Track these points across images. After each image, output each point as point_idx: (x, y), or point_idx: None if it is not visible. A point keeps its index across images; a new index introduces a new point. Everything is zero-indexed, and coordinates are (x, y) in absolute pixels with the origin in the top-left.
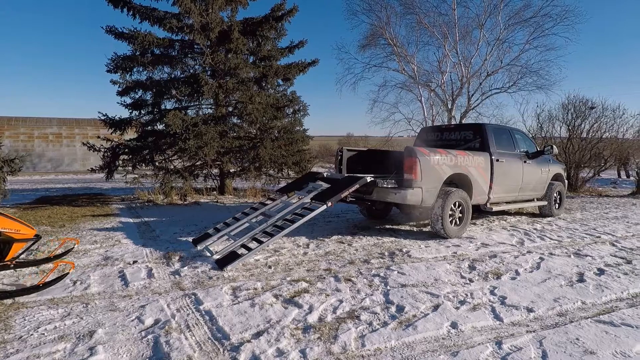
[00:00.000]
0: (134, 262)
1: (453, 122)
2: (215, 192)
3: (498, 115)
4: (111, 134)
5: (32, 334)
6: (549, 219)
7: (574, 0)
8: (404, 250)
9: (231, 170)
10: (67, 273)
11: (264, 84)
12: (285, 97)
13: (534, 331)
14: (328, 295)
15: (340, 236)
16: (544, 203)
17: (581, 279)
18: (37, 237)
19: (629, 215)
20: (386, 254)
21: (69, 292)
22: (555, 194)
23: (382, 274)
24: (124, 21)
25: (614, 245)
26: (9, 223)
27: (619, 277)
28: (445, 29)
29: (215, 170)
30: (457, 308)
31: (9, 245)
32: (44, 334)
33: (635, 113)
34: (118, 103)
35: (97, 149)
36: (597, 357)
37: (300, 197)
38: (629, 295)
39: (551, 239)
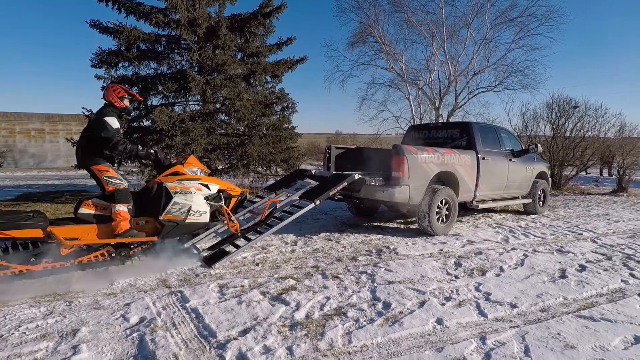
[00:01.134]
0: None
1: (440, 121)
2: None
3: (484, 114)
4: None
5: (13, 333)
6: (533, 216)
7: (559, 1)
8: (391, 247)
9: (219, 167)
10: (275, 207)
11: (252, 81)
12: (274, 94)
13: (517, 326)
14: (315, 292)
15: (328, 233)
16: (529, 201)
17: (563, 275)
18: (242, 194)
19: (609, 213)
20: (374, 251)
21: (51, 291)
22: (539, 192)
23: (369, 271)
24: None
25: (595, 242)
26: (226, 183)
27: (600, 273)
28: (433, 28)
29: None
30: (443, 304)
31: (229, 200)
32: (25, 332)
33: (617, 112)
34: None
35: None
36: (578, 351)
37: (288, 195)
38: (609, 290)
39: (535, 236)
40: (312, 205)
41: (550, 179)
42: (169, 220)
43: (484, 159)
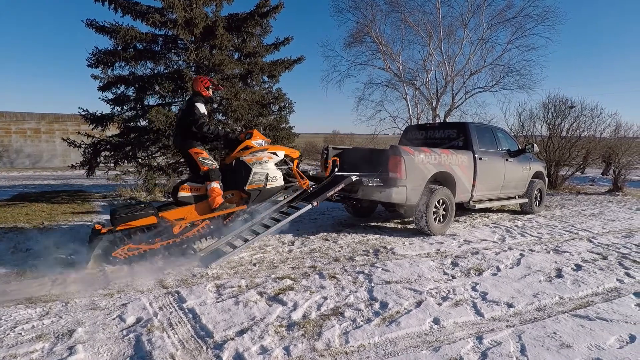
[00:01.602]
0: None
1: (437, 121)
2: None
3: (481, 114)
4: (92, 129)
5: (8, 334)
6: (530, 216)
7: (555, 1)
8: (389, 247)
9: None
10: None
11: (249, 81)
12: (271, 94)
13: (513, 326)
14: (312, 292)
15: (325, 233)
16: (525, 200)
17: (559, 275)
18: (300, 156)
19: (605, 212)
20: (371, 251)
21: (47, 291)
22: (535, 192)
23: (366, 271)
24: (106, 15)
25: (591, 241)
26: (287, 149)
27: (595, 273)
28: (430, 28)
29: None
30: (440, 304)
31: (292, 162)
32: (21, 333)
33: (612, 113)
34: (99, 98)
35: (78, 145)
36: (573, 350)
37: (286, 196)
38: (604, 290)
39: (531, 235)
40: (310, 206)
41: (546, 179)
42: (253, 189)
43: (480, 159)
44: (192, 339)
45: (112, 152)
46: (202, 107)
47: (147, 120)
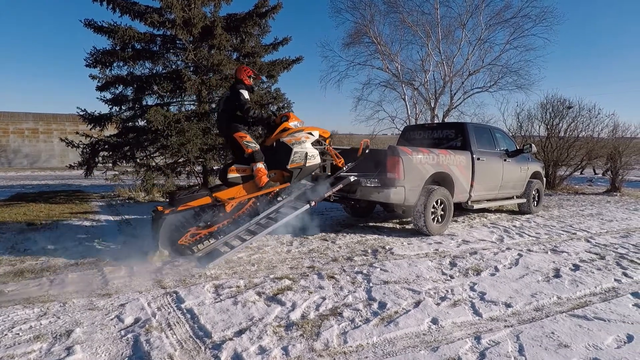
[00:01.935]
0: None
1: (436, 121)
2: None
3: (479, 114)
4: (90, 129)
5: (6, 334)
6: (528, 216)
7: (553, 2)
8: (387, 247)
9: (215, 168)
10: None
11: None
12: (270, 94)
13: (511, 326)
14: (311, 292)
15: (324, 234)
16: (523, 200)
17: (557, 275)
18: (330, 136)
19: (603, 213)
20: (369, 251)
21: (45, 291)
22: (533, 192)
23: (365, 271)
24: (104, 15)
25: (588, 241)
26: (319, 129)
27: (593, 273)
28: (428, 28)
29: (199, 168)
30: (438, 304)
31: (325, 142)
32: (18, 333)
33: (610, 113)
34: (98, 98)
35: (76, 145)
36: (571, 350)
37: (284, 196)
38: (602, 290)
39: (529, 235)
40: (308, 206)
41: (544, 179)
42: (294, 167)
43: (479, 159)
44: (190, 339)
45: (111, 152)
46: (246, 94)
47: (145, 121)
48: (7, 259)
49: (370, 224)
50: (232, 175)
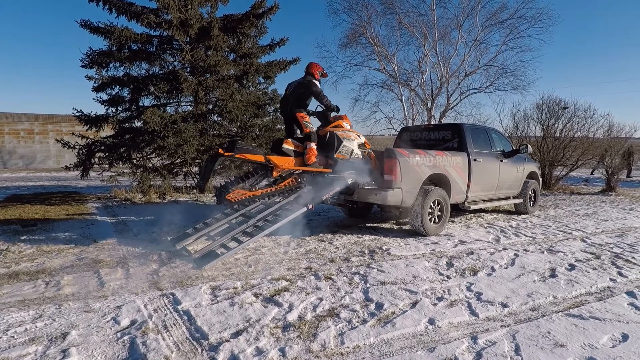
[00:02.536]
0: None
1: (432, 122)
2: (195, 191)
3: (476, 115)
4: (86, 130)
5: (1, 337)
6: (524, 216)
7: (548, 3)
8: (384, 248)
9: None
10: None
11: (244, 82)
12: (267, 95)
13: (508, 326)
14: (308, 293)
15: (321, 234)
16: (520, 201)
17: (553, 274)
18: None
19: (598, 212)
20: (366, 251)
21: (40, 294)
22: (530, 192)
23: (362, 272)
24: (100, 15)
25: (584, 241)
26: (365, 139)
27: (589, 272)
28: (425, 29)
29: (195, 169)
30: (435, 304)
31: (365, 149)
32: (13, 336)
33: (605, 113)
34: (94, 99)
35: (72, 146)
36: (567, 349)
37: (281, 199)
38: (597, 289)
39: (526, 235)
40: (305, 209)
41: (540, 179)
42: (339, 158)
43: (475, 160)
44: (187, 341)
45: (107, 153)
46: (318, 85)
47: (142, 121)
48: (1, 261)
49: (368, 224)
50: (287, 146)
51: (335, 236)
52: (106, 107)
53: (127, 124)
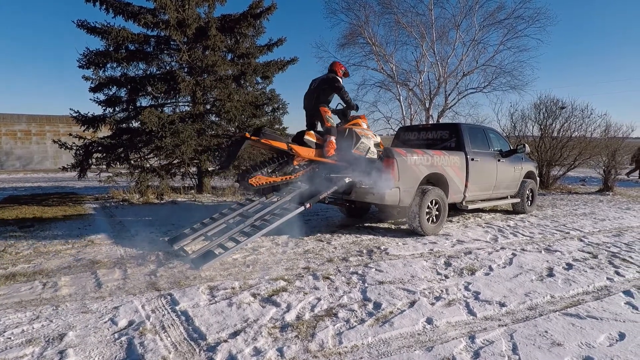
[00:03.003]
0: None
1: (430, 121)
2: (193, 191)
3: (474, 115)
4: (84, 131)
5: None
6: (522, 215)
7: (545, 3)
8: (382, 247)
9: (209, 169)
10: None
11: (242, 82)
12: (265, 95)
13: (505, 325)
14: (306, 293)
15: (319, 234)
16: (517, 200)
17: (551, 274)
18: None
19: (596, 212)
20: (364, 251)
21: (37, 295)
22: (527, 192)
23: (360, 272)
24: (97, 15)
25: (581, 240)
26: (380, 140)
27: (586, 272)
28: (423, 29)
29: (193, 169)
30: (433, 304)
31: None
32: (10, 338)
33: (602, 113)
34: (91, 100)
35: (69, 146)
36: (564, 348)
37: (279, 198)
38: (595, 288)
39: (523, 235)
40: (302, 208)
41: (538, 179)
42: (356, 154)
43: (473, 159)
44: (184, 342)
45: (104, 154)
46: (342, 81)
47: (139, 122)
48: None
49: (366, 224)
50: (309, 138)
51: (333, 236)
52: (103, 108)
53: (124, 125)
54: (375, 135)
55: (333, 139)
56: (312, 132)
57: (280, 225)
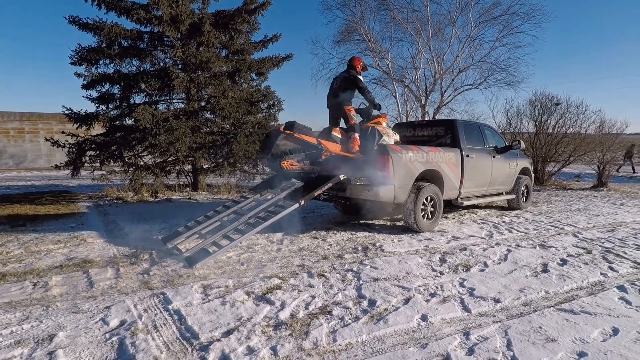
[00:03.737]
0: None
1: (426, 118)
2: (188, 189)
3: (469, 111)
4: (77, 129)
5: None
6: (517, 211)
7: (540, 0)
8: (377, 244)
9: (204, 166)
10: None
11: (237, 79)
12: (259, 91)
13: (500, 321)
14: (301, 291)
15: (314, 232)
16: (512, 196)
17: (545, 270)
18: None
19: (590, 207)
20: (360, 248)
21: (28, 295)
22: (522, 188)
23: (355, 269)
24: (89, 11)
25: (576, 236)
26: (398, 138)
27: (580, 267)
28: (419, 26)
29: (188, 166)
30: (428, 301)
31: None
32: None
33: (597, 109)
34: (84, 97)
35: (62, 144)
36: (558, 344)
37: (273, 195)
38: (589, 284)
39: (518, 231)
40: (297, 205)
41: (533, 175)
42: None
43: (468, 156)
44: (177, 341)
45: (98, 152)
46: (361, 78)
47: (133, 119)
48: None
49: (361, 221)
50: (335, 134)
51: (328, 233)
52: (96, 105)
53: (118, 122)
54: (396, 134)
55: (357, 135)
56: (338, 128)
57: (275, 223)
